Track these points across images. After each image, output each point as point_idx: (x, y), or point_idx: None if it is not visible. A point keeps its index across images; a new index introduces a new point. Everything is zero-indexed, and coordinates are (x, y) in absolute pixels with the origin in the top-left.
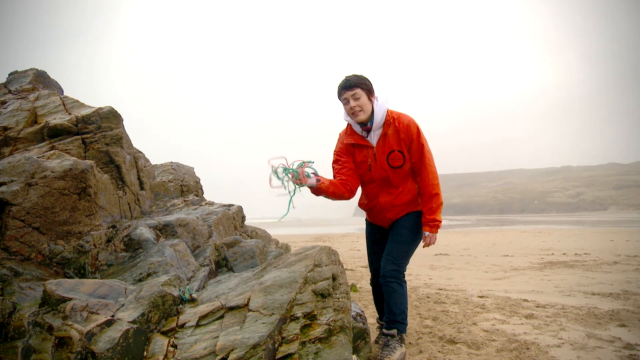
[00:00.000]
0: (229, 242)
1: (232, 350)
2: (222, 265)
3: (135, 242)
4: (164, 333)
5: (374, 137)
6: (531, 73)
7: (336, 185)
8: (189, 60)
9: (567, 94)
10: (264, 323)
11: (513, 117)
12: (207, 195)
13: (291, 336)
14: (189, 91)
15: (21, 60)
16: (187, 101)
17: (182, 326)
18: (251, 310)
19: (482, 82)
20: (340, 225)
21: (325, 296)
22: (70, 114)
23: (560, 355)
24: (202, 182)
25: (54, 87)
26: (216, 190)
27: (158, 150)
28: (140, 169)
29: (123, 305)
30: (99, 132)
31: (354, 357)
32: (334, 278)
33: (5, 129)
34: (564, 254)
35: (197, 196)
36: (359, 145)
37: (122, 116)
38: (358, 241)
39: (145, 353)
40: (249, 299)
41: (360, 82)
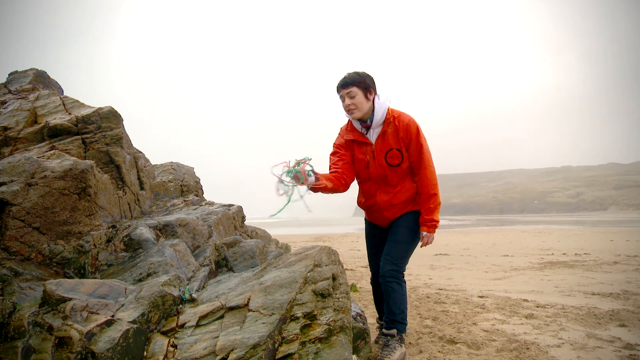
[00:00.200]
0: (229, 242)
1: (232, 350)
2: (222, 265)
3: (135, 242)
4: (164, 333)
5: (374, 134)
6: (531, 73)
7: (332, 180)
8: (189, 60)
9: (567, 94)
10: (264, 323)
11: (513, 117)
12: (207, 195)
13: (291, 336)
14: (189, 91)
15: (21, 60)
16: (187, 101)
17: (182, 326)
18: (251, 310)
19: (482, 82)
20: (340, 225)
21: (325, 296)
22: (70, 114)
23: (560, 355)
24: (202, 182)
25: (54, 87)
26: (216, 190)
27: (158, 150)
28: (140, 169)
29: (123, 305)
30: (99, 132)
31: (354, 357)
32: (334, 278)
33: (5, 129)
34: (564, 254)
35: (197, 196)
36: (359, 142)
37: (122, 116)
38: (358, 241)
39: (145, 353)
40: (249, 299)
41: (356, 81)
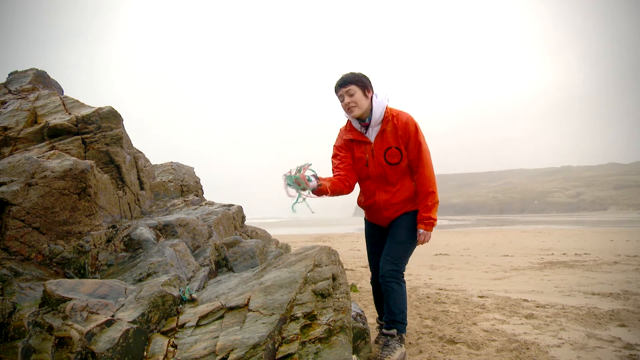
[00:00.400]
0: (229, 242)
1: (232, 350)
2: (222, 265)
3: (135, 242)
4: (164, 333)
5: (372, 133)
6: (531, 73)
7: (335, 183)
8: (189, 60)
9: (567, 94)
10: (264, 323)
11: (513, 117)
12: (207, 195)
13: (291, 336)
14: (189, 91)
15: (21, 60)
16: (187, 101)
17: (182, 326)
18: (251, 310)
19: (482, 82)
20: (340, 225)
21: (325, 296)
22: (70, 114)
23: (560, 355)
24: (202, 182)
25: (54, 87)
26: (216, 190)
27: (158, 150)
28: (140, 169)
29: (123, 305)
30: (99, 132)
31: (354, 357)
32: (334, 278)
33: (5, 129)
34: (564, 254)
35: (197, 196)
36: (358, 141)
37: (122, 116)
38: (358, 241)
39: (145, 353)
40: (249, 299)
41: (354, 79)
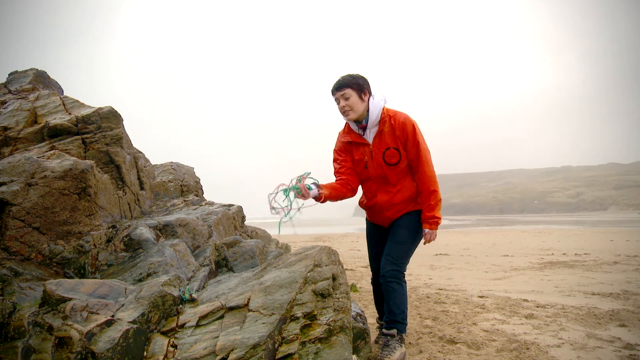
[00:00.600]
0: (229, 242)
1: (232, 350)
2: (222, 265)
3: (135, 242)
4: (164, 333)
5: (370, 134)
6: (531, 73)
7: (337, 188)
8: (189, 60)
9: (567, 94)
10: (264, 323)
11: (513, 117)
12: (207, 195)
13: (291, 336)
14: (189, 91)
15: (21, 60)
16: (187, 101)
17: (182, 326)
18: (251, 310)
19: (482, 82)
20: (340, 225)
21: (325, 296)
22: (70, 114)
23: (560, 355)
24: (202, 182)
25: (54, 87)
26: (216, 190)
27: (158, 150)
28: (140, 169)
29: (123, 305)
30: (99, 132)
31: (354, 357)
32: (334, 278)
33: (5, 129)
34: (564, 254)
35: (197, 196)
36: (356, 143)
37: (122, 116)
38: (358, 241)
39: (145, 353)
40: (249, 299)
41: (350, 82)
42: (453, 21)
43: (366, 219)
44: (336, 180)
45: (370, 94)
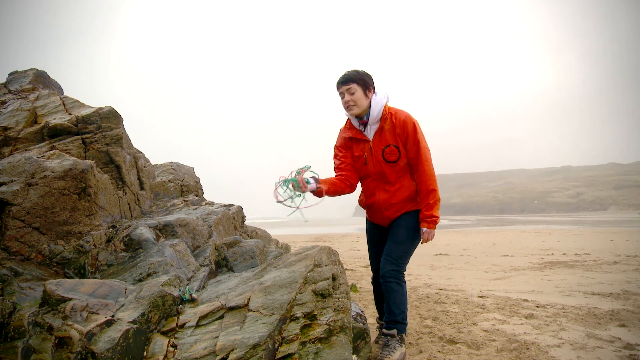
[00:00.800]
0: (229, 242)
1: (232, 350)
2: (222, 265)
3: (135, 242)
4: (164, 333)
5: (371, 131)
6: (531, 73)
7: (335, 184)
8: (189, 60)
9: (567, 94)
10: (264, 323)
11: (513, 117)
12: (207, 195)
13: (291, 336)
14: (189, 91)
15: (21, 60)
16: (187, 101)
17: (182, 326)
18: (251, 310)
19: (482, 82)
20: (340, 225)
21: (325, 296)
22: (70, 114)
23: (560, 355)
24: (202, 182)
25: (54, 87)
26: (216, 190)
27: (158, 150)
28: (140, 169)
29: (123, 305)
30: (99, 132)
31: (354, 357)
32: (334, 278)
33: (5, 129)
34: (564, 254)
35: (197, 196)
36: (357, 139)
37: (122, 116)
38: (358, 241)
39: (145, 353)
40: (249, 299)
41: (356, 78)
42: (453, 21)
43: (366, 219)
44: (335, 175)
45: (374, 91)
